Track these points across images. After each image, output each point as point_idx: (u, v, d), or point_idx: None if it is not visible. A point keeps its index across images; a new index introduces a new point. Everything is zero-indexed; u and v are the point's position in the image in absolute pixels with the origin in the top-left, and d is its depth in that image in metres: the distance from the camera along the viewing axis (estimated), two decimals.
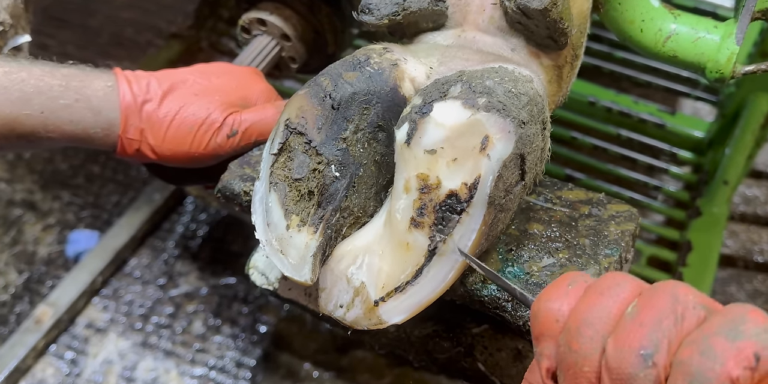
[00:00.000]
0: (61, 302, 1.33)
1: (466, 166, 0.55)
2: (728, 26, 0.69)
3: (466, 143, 0.55)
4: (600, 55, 1.44)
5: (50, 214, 1.50)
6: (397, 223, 0.58)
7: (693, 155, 1.34)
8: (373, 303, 0.57)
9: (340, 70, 0.63)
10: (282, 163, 0.61)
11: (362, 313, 0.58)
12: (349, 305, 0.59)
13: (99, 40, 1.73)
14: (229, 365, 1.32)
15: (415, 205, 0.57)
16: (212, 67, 0.80)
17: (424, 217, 0.56)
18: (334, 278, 0.60)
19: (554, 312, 0.43)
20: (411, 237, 0.57)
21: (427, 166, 0.56)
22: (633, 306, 0.41)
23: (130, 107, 0.72)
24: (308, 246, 0.59)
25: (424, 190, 0.56)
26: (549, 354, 0.43)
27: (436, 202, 0.56)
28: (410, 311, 0.57)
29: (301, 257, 0.59)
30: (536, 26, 0.64)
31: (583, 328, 0.41)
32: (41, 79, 0.70)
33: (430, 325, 0.72)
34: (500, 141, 0.54)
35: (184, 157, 0.74)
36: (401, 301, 0.57)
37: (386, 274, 0.58)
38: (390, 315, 0.57)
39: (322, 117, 0.61)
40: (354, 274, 0.59)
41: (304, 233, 0.59)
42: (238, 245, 1.46)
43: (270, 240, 0.60)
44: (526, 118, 0.56)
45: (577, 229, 0.65)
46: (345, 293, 0.59)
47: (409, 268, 0.57)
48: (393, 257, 0.58)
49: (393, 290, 0.57)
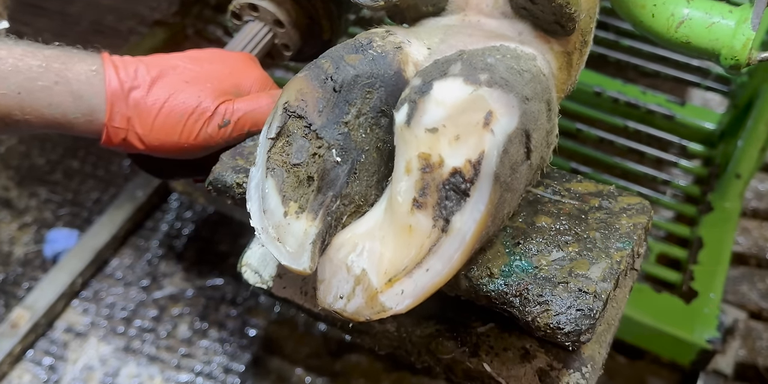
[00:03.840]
0: (38, 305, 1.33)
1: (470, 143, 0.55)
2: (743, 11, 0.70)
3: (469, 119, 0.55)
4: (606, 44, 1.44)
5: (27, 212, 1.50)
6: (399, 205, 0.58)
7: (703, 148, 1.35)
8: (375, 290, 0.57)
9: (341, 53, 0.63)
10: (280, 148, 0.62)
11: (364, 303, 0.58)
12: (349, 295, 0.58)
13: (78, 28, 1.72)
14: (216, 371, 1.32)
15: (417, 186, 0.57)
16: (204, 53, 0.80)
17: (427, 197, 0.56)
18: (334, 268, 0.60)
19: None
20: (413, 219, 0.57)
21: (428, 145, 0.56)
22: None
23: (117, 94, 0.72)
24: (307, 233, 0.59)
25: (427, 170, 0.56)
26: None
27: (439, 181, 0.56)
28: (416, 297, 0.57)
29: (299, 245, 0.59)
30: (542, 11, 0.64)
31: None
32: (21, 59, 0.70)
33: (433, 324, 0.72)
34: (504, 116, 0.55)
35: (173, 148, 0.74)
36: (406, 285, 0.57)
37: (388, 259, 0.58)
38: (393, 302, 0.57)
39: (323, 99, 0.61)
40: (354, 262, 0.59)
41: (302, 220, 0.59)
42: (226, 244, 1.47)
43: (266, 227, 0.60)
44: (529, 94, 0.56)
45: (587, 221, 0.65)
46: (345, 283, 0.59)
47: (413, 252, 0.57)
48: (395, 241, 0.58)
49: (396, 275, 0.57)
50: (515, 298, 0.60)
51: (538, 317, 0.58)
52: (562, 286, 0.59)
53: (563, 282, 0.60)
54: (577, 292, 0.59)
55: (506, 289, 0.60)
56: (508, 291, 0.60)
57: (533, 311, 0.59)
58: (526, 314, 0.59)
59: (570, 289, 0.59)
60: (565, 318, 0.58)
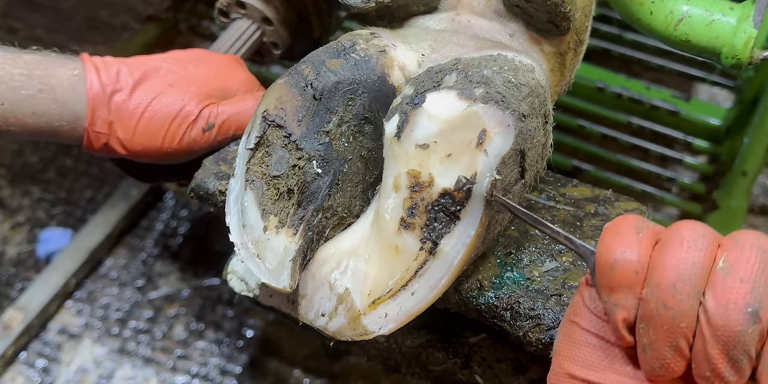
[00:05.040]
0: (31, 306, 1.32)
1: (462, 163, 0.54)
2: (745, 8, 0.68)
3: (462, 137, 0.54)
4: (609, 38, 1.42)
5: (19, 212, 1.49)
6: (386, 223, 0.57)
7: (709, 144, 1.33)
8: (357, 311, 0.56)
9: (323, 57, 0.61)
10: (259, 159, 0.60)
11: (346, 323, 0.57)
12: (331, 314, 0.58)
13: (71, 23, 1.71)
14: (213, 373, 1.31)
15: (405, 204, 0.56)
16: (189, 53, 0.79)
17: (415, 217, 0.55)
18: (316, 284, 0.59)
19: (633, 263, 0.45)
20: (400, 239, 0.56)
21: (418, 162, 0.55)
22: (723, 261, 0.44)
23: (98, 98, 0.71)
24: (287, 249, 0.58)
25: (416, 189, 0.55)
26: (627, 305, 0.46)
27: (428, 202, 0.55)
28: (399, 321, 0.56)
29: (279, 262, 0.58)
30: (536, 10, 0.63)
31: (680, 284, 0.43)
32: (1, 68, 0.69)
33: (423, 334, 0.71)
34: (498, 135, 0.53)
35: (156, 153, 0.73)
36: (389, 309, 0.56)
37: (373, 279, 0.57)
38: (376, 325, 0.56)
39: (303, 108, 0.60)
40: (338, 280, 0.58)
41: (282, 235, 0.58)
42: (222, 244, 1.45)
43: (246, 243, 0.59)
44: (526, 110, 0.55)
45: (582, 229, 0.64)
46: (327, 300, 0.58)
47: (398, 274, 0.56)
48: (381, 261, 0.57)
49: (380, 297, 0.56)
50: (506, 312, 0.58)
51: (530, 332, 0.57)
52: (555, 299, 0.58)
53: (556, 294, 0.58)
54: None
55: (497, 302, 0.59)
56: (498, 304, 0.59)
57: (524, 325, 0.57)
58: (516, 329, 0.58)
59: (563, 302, 0.58)
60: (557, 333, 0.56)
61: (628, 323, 0.46)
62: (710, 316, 0.43)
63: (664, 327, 0.44)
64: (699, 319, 0.43)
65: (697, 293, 0.43)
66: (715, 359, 0.43)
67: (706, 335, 0.43)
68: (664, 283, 0.44)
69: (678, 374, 0.45)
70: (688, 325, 0.43)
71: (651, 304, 0.44)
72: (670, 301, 0.43)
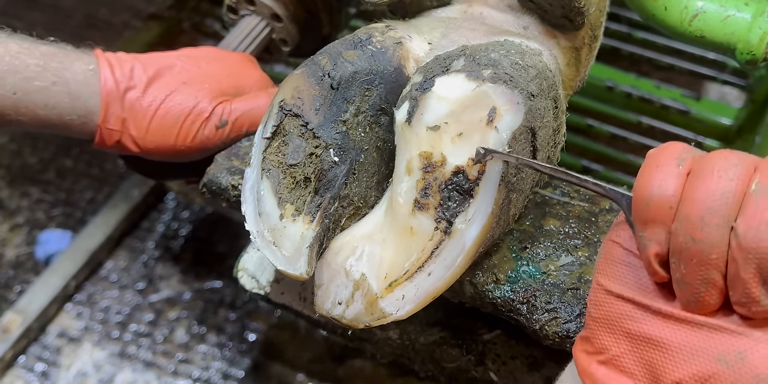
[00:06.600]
0: (30, 309, 1.33)
1: (473, 141, 0.55)
2: (760, 3, 0.69)
3: (472, 116, 0.55)
4: (618, 36, 1.43)
5: (18, 213, 1.50)
6: (400, 207, 0.58)
7: (720, 144, 1.34)
8: (374, 295, 0.57)
9: (339, 49, 0.63)
10: (275, 148, 0.61)
11: (363, 308, 0.58)
12: (348, 301, 0.58)
13: (71, 22, 1.72)
14: (215, 377, 1.32)
15: (418, 185, 0.57)
16: (201, 51, 0.80)
17: (429, 197, 0.56)
18: (332, 272, 0.60)
19: (668, 198, 0.45)
20: (415, 221, 0.57)
21: (430, 143, 0.56)
22: (756, 183, 0.43)
23: (112, 94, 0.72)
24: (304, 236, 0.58)
25: (428, 169, 0.56)
26: (660, 240, 0.45)
27: (441, 181, 0.56)
28: (417, 302, 0.56)
29: (295, 249, 0.58)
30: (550, 5, 0.64)
31: (708, 217, 0.43)
32: (17, 57, 0.70)
33: (437, 331, 0.72)
34: (508, 112, 0.55)
35: (169, 151, 0.74)
36: (407, 290, 0.57)
37: (389, 263, 0.58)
38: (394, 307, 0.57)
39: (320, 97, 0.61)
40: (353, 266, 0.59)
41: (299, 223, 0.59)
42: (225, 245, 1.46)
43: (261, 231, 0.60)
44: (535, 90, 0.56)
45: (597, 224, 0.65)
46: (344, 288, 0.59)
47: (414, 255, 0.57)
48: (396, 244, 0.58)
49: (397, 279, 0.57)
50: (522, 306, 0.59)
51: (546, 325, 0.58)
52: (572, 293, 0.59)
53: (573, 288, 0.60)
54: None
55: (513, 295, 0.60)
56: (514, 298, 0.60)
57: (541, 319, 0.59)
58: (533, 322, 0.59)
59: (580, 295, 0.59)
60: (574, 326, 0.58)
61: (661, 258, 0.46)
62: (740, 240, 0.42)
63: (694, 260, 0.43)
64: (730, 244, 0.43)
65: (727, 223, 0.42)
66: (749, 283, 0.42)
67: (738, 259, 0.42)
68: (693, 216, 0.43)
69: (714, 308, 0.45)
70: (719, 256, 0.43)
71: (680, 238, 0.44)
72: (698, 234, 0.43)
